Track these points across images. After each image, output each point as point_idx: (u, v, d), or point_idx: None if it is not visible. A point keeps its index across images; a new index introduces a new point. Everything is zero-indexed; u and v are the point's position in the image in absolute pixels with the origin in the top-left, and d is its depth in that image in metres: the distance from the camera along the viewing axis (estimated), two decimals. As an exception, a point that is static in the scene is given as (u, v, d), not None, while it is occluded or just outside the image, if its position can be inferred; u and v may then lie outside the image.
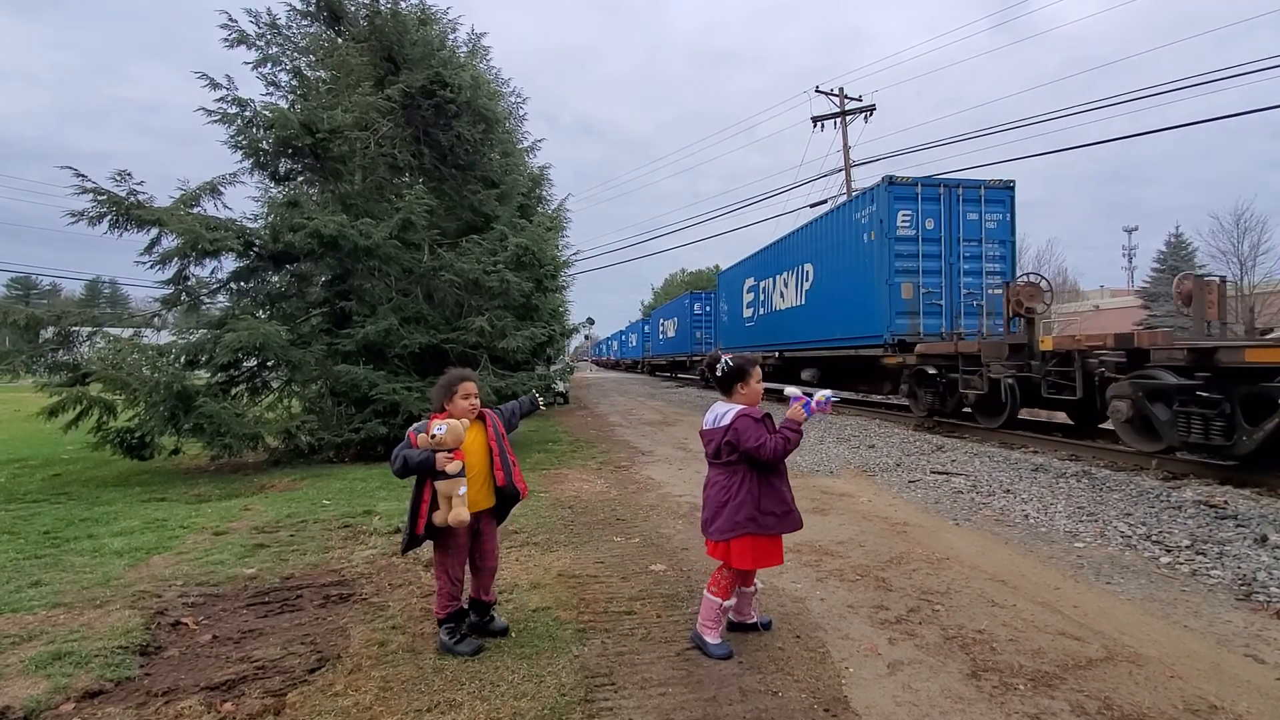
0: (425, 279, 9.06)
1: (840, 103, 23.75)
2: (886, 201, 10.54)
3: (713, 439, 2.77)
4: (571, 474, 7.07)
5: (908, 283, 10.53)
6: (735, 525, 2.65)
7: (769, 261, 16.77)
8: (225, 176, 8.63)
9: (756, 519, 2.65)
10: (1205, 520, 4.64)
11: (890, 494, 5.90)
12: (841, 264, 12.28)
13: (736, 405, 2.75)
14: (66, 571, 3.84)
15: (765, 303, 17.06)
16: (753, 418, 2.68)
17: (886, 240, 10.51)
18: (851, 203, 12.14)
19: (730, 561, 2.70)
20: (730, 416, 2.70)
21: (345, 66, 9.10)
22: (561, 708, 2.29)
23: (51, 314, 7.83)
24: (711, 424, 2.78)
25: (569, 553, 4.15)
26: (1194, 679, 2.47)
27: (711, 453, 2.79)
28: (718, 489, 2.74)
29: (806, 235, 14.30)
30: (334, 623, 3.08)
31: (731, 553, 2.67)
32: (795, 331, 14.75)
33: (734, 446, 2.67)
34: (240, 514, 5.30)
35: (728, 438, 2.68)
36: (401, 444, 2.68)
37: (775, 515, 2.69)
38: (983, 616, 3.07)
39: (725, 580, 2.76)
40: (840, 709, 2.28)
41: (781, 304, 15.71)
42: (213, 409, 7.19)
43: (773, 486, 2.71)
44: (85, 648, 2.75)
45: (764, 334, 17.16)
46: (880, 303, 10.68)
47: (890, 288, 10.52)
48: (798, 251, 14.66)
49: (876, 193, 10.86)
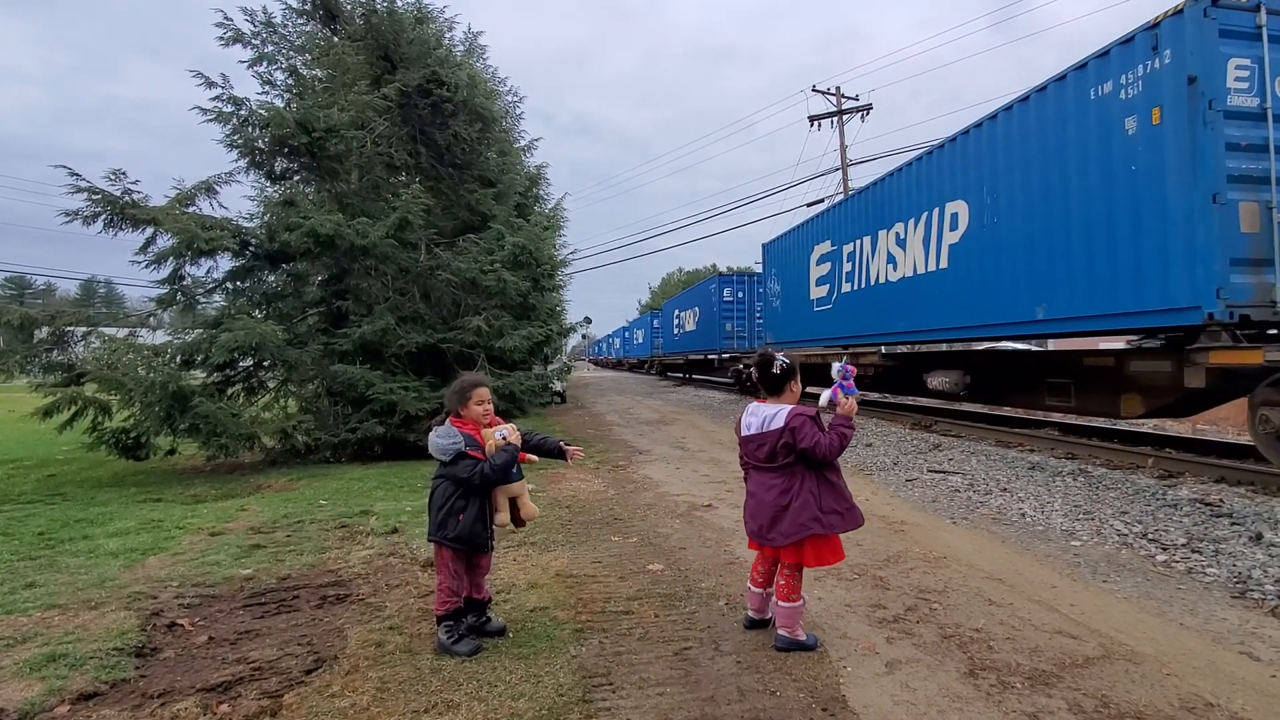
0: (422, 278, 9.05)
1: (837, 102, 23.79)
2: (1205, 41, 5.37)
3: (765, 442, 2.69)
4: (569, 473, 7.06)
5: (1250, 201, 5.40)
6: (801, 527, 2.62)
7: (863, 213, 11.34)
8: (221, 176, 8.64)
9: (820, 519, 2.63)
10: (1201, 518, 4.66)
11: (887, 493, 5.91)
12: (1054, 184, 6.87)
13: (785, 405, 2.71)
14: (61, 573, 3.82)
15: (856, 274, 11.52)
16: (807, 416, 2.65)
17: (1209, 116, 5.32)
18: (1090, 66, 6.39)
19: (806, 561, 2.69)
20: (784, 417, 2.65)
21: (341, 65, 9.09)
22: (559, 708, 2.28)
23: (46, 314, 7.81)
24: (760, 427, 2.71)
25: (566, 552, 4.14)
26: (1190, 676, 2.47)
27: (764, 456, 2.70)
28: (775, 492, 2.67)
29: (953, 155, 8.65)
30: (331, 623, 3.07)
31: (808, 553, 2.66)
32: (925, 313, 9.35)
33: (791, 448, 2.63)
34: (236, 514, 5.29)
35: (784, 440, 2.63)
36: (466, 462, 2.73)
37: (839, 513, 2.67)
38: (980, 615, 3.07)
39: (796, 580, 2.73)
40: (838, 708, 2.28)
41: (893, 273, 10.22)
42: (209, 409, 7.17)
43: (831, 484, 2.70)
44: (80, 649, 2.73)
45: (851, 321, 11.77)
46: (1186, 240, 5.46)
47: (1220, 210, 5.32)
48: (929, 185, 9.21)
49: (1180, 24, 5.47)
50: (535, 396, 9.63)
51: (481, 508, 2.80)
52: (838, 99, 23.78)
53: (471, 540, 2.78)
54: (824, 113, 24.00)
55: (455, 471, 2.72)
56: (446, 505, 2.76)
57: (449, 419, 2.83)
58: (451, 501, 2.75)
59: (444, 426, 2.78)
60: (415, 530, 4.49)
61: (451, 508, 2.75)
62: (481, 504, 2.81)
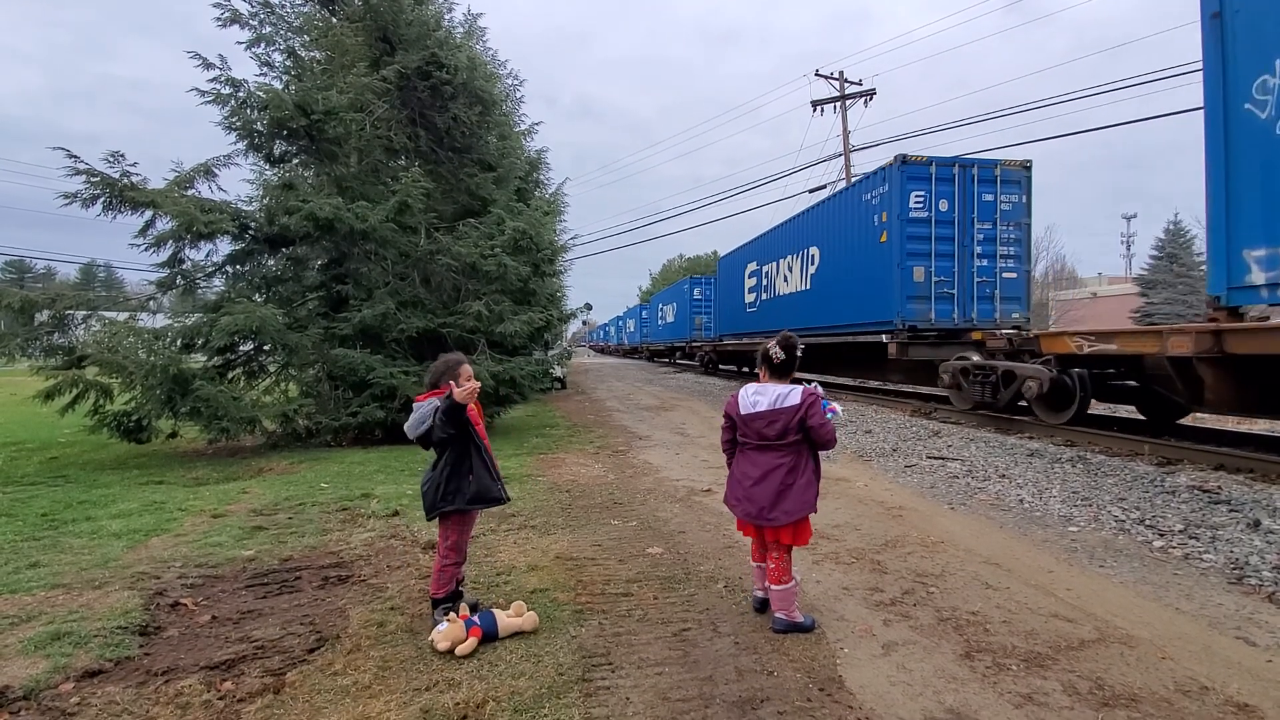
0: (422, 263, 9.01)
1: (840, 87, 23.55)
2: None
3: (778, 419, 2.71)
4: (569, 458, 7.09)
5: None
6: (805, 505, 2.72)
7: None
8: (219, 158, 8.55)
9: (814, 500, 2.78)
10: (1199, 505, 4.68)
11: (886, 479, 5.92)
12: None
13: (795, 385, 2.77)
14: (65, 553, 3.85)
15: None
16: (818, 395, 2.74)
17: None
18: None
19: (798, 541, 2.76)
20: (799, 395, 2.71)
21: (340, 47, 8.99)
22: (559, 687, 2.31)
23: (46, 297, 7.79)
24: (772, 404, 2.73)
25: (567, 535, 4.16)
26: (1185, 660, 2.49)
27: (777, 433, 2.73)
28: (783, 470, 2.71)
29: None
30: (333, 604, 3.10)
31: (799, 532, 2.74)
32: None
33: (803, 423, 2.69)
34: (238, 497, 5.31)
35: (800, 415, 2.69)
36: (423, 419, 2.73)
37: (819, 495, 2.83)
38: (977, 599, 3.09)
39: (787, 562, 2.78)
40: (835, 689, 2.30)
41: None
42: (210, 392, 7.18)
43: (819, 465, 2.84)
44: (84, 628, 2.76)
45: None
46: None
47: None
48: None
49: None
50: (536, 382, 9.60)
51: (483, 458, 2.86)
52: (841, 84, 23.54)
53: (487, 494, 2.85)
54: (827, 98, 23.78)
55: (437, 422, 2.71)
56: (450, 468, 2.79)
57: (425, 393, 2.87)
58: (455, 464, 2.80)
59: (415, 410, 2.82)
60: (416, 513, 4.50)
61: (457, 469, 2.79)
62: (481, 454, 2.86)
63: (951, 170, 10.25)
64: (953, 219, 10.25)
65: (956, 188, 10.23)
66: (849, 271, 11.91)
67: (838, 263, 12.49)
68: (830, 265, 12.90)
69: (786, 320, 15.17)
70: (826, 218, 13.12)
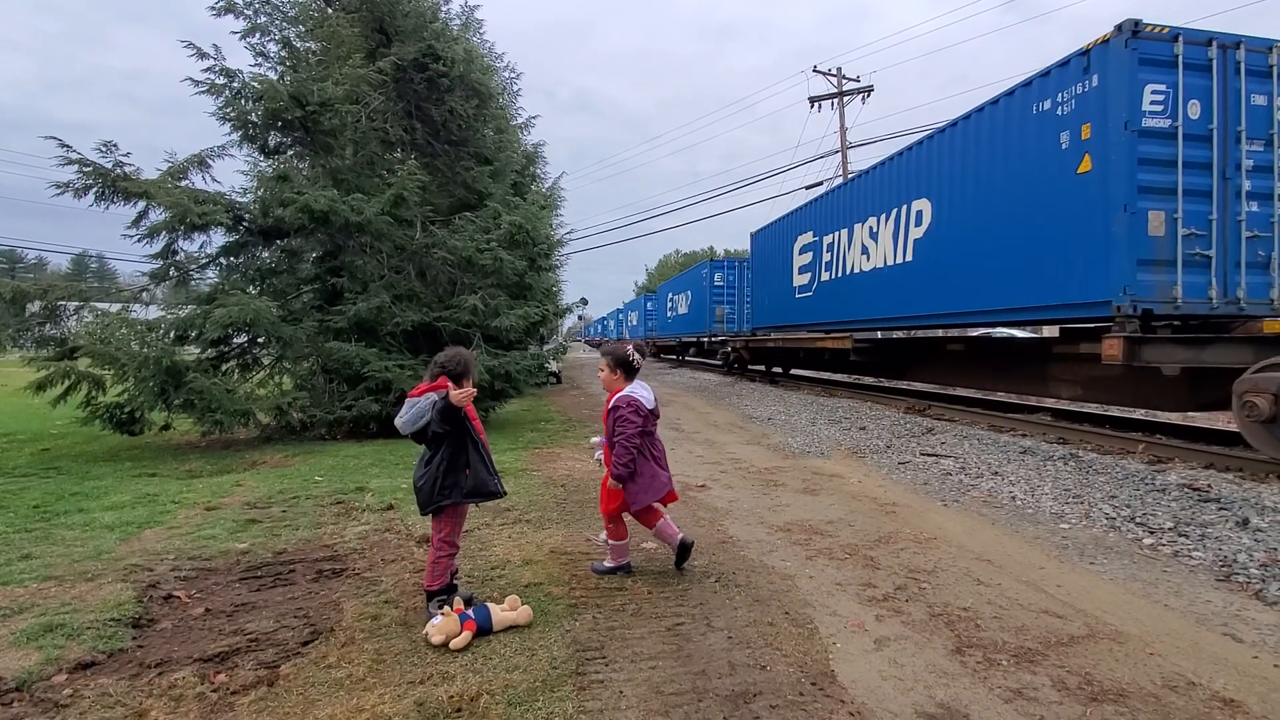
0: (417, 256, 8.98)
1: (838, 83, 23.55)
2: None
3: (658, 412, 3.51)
4: (564, 453, 7.09)
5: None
6: None
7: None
8: (213, 149, 8.49)
9: None
10: (1189, 503, 4.72)
11: (880, 475, 5.95)
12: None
13: None
14: (57, 545, 3.83)
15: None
16: None
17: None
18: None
19: None
20: None
21: (335, 37, 8.92)
22: (553, 680, 2.32)
23: (38, 287, 7.74)
24: (654, 401, 3.43)
25: (561, 530, 4.17)
26: (1173, 656, 2.52)
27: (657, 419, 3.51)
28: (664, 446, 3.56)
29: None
30: (327, 597, 3.10)
31: None
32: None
33: None
34: (232, 490, 5.30)
35: None
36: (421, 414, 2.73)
37: None
38: (968, 594, 3.12)
39: None
40: (827, 683, 2.32)
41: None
42: (203, 385, 7.15)
43: None
44: (77, 620, 2.75)
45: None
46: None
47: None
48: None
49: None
50: (531, 377, 9.59)
51: (479, 453, 2.88)
52: (838, 80, 23.54)
53: (483, 488, 2.86)
54: (824, 94, 23.78)
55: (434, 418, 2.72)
56: (447, 463, 2.80)
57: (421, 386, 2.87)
58: (451, 458, 2.81)
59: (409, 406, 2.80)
60: (410, 506, 4.49)
61: (454, 463, 2.80)
62: (478, 449, 2.88)
63: (1206, 52, 6.13)
64: (1209, 133, 6.15)
65: (1215, 81, 6.17)
66: (995, 230, 7.83)
67: (970, 219, 8.31)
68: (954, 223, 8.66)
69: (866, 306, 11.13)
70: (947, 154, 8.75)
